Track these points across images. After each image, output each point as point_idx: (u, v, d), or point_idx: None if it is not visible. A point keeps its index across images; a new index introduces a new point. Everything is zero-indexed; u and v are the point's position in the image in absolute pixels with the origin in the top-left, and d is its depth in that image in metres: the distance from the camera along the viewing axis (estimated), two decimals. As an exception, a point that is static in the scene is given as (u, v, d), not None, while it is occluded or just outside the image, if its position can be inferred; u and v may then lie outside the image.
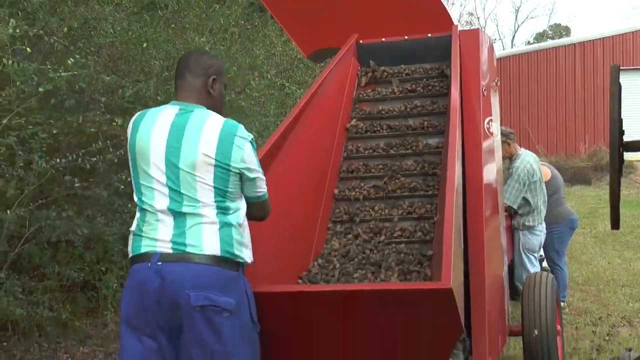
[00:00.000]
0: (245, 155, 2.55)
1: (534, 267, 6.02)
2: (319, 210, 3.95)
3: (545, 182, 6.38)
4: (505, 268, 4.50)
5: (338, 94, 4.49)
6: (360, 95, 4.63)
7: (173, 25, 7.27)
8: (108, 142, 4.88)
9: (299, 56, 9.25)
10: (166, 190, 2.53)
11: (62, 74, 4.43)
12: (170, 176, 2.53)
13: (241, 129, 2.57)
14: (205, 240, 2.49)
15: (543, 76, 19.34)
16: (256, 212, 2.72)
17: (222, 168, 2.52)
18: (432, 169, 4.06)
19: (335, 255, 3.67)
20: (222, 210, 2.53)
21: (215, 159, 2.51)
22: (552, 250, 6.53)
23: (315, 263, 3.62)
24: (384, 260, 3.53)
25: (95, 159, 4.72)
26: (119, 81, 5.28)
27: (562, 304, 6.23)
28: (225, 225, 2.52)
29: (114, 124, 5.00)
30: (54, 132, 4.64)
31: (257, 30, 9.24)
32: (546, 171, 6.57)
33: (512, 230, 6.12)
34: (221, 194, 2.54)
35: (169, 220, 2.52)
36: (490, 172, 4.17)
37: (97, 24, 5.77)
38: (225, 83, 2.79)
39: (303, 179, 3.83)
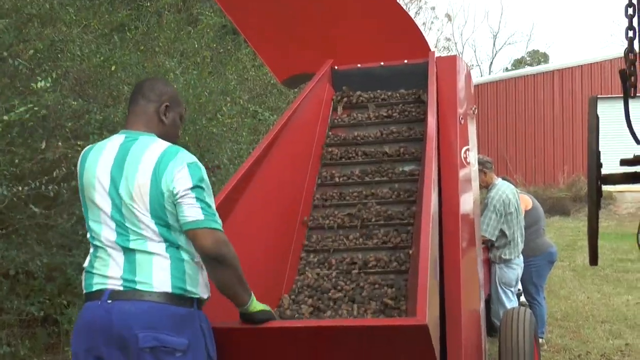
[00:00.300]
0: (177, 177, 2.45)
1: (510, 302, 6.03)
2: (292, 239, 3.97)
3: (526, 212, 6.44)
4: (482, 303, 4.54)
5: (312, 121, 4.54)
6: (335, 121, 4.69)
7: (142, 48, 7.30)
8: (73, 168, 4.87)
9: (272, 81, 9.32)
10: (113, 224, 2.53)
11: (21, 109, 4.39)
12: (115, 209, 2.53)
13: (182, 153, 2.51)
14: (156, 276, 2.47)
15: (521, 103, 19.60)
16: (201, 248, 2.45)
17: (155, 195, 2.48)
18: (407, 196, 4.13)
19: (307, 289, 3.69)
20: (172, 244, 2.51)
21: (150, 187, 2.48)
22: (530, 284, 6.55)
23: (287, 297, 3.63)
24: (357, 294, 3.55)
25: (58, 186, 4.69)
26: (86, 106, 5.28)
27: (540, 340, 6.24)
28: (176, 260, 2.50)
29: (79, 149, 4.99)
30: (16, 160, 4.61)
31: (229, 54, 9.32)
32: (526, 201, 6.62)
33: (489, 264, 6.15)
34: (164, 225, 2.49)
35: (119, 256, 2.52)
36: (467, 202, 4.23)
37: (64, 46, 5.78)
38: (181, 114, 2.76)
39: (276, 207, 3.85)
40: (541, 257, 6.57)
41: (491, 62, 38.70)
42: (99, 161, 2.58)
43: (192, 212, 2.46)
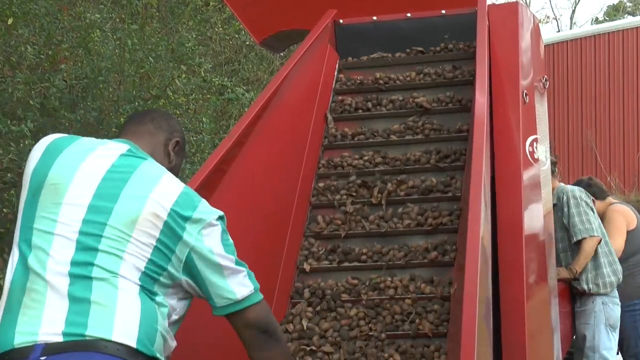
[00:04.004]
0: (205, 235, 2.73)
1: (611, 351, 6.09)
2: (288, 224, 4.23)
3: (629, 232, 6.46)
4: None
5: (306, 99, 4.63)
6: (336, 105, 4.82)
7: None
8: None
9: (249, 42, 9.35)
10: (72, 245, 2.60)
11: None
12: (88, 227, 2.61)
13: (204, 204, 2.77)
14: (119, 322, 2.53)
15: (618, 70, 19.39)
16: (247, 321, 2.79)
17: (173, 229, 2.67)
18: (452, 161, 4.38)
19: (306, 311, 3.95)
20: (146, 290, 2.63)
21: (169, 214, 2.67)
22: (633, 338, 6.59)
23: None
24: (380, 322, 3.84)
25: None
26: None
27: None
28: (149, 309, 2.61)
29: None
30: None
31: (185, 2, 9.34)
32: (630, 216, 6.61)
33: (571, 302, 6.20)
34: (153, 272, 2.65)
35: (63, 289, 2.55)
36: (535, 216, 4.29)
37: None
38: (185, 156, 3.11)
39: (266, 190, 4.11)
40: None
41: (573, 11, 38.65)
42: (80, 165, 2.69)
43: (238, 286, 2.77)
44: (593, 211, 6.05)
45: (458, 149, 4.41)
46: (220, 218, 2.76)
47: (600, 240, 6.00)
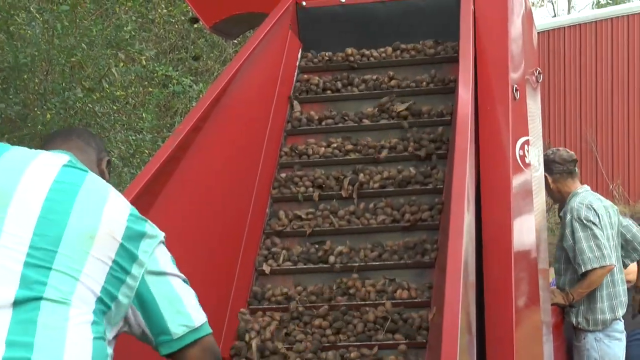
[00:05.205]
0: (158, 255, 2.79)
1: None
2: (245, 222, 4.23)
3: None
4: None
5: (264, 84, 4.65)
6: (301, 85, 4.84)
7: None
8: None
9: (197, 26, 9.33)
10: (19, 266, 2.59)
11: None
12: (37, 245, 2.61)
13: (150, 222, 2.82)
14: (69, 354, 2.54)
15: (623, 62, 19.47)
16: None
17: (128, 248, 2.71)
18: (434, 148, 4.38)
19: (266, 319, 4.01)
20: (99, 323, 2.63)
21: (123, 234, 2.71)
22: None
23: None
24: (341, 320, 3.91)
25: None
26: None
27: None
28: (100, 345, 2.62)
29: None
30: None
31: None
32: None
33: (564, 333, 6.20)
34: (104, 300, 2.65)
35: (3, 315, 2.54)
36: (526, 229, 4.29)
37: None
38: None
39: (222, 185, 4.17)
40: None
41: (572, -7, 39.01)
42: (22, 176, 2.71)
43: (195, 312, 2.80)
44: (602, 229, 6.00)
45: (440, 135, 4.42)
46: (164, 239, 2.83)
47: (612, 269, 5.97)
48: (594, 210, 6.03)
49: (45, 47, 6.99)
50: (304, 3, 4.92)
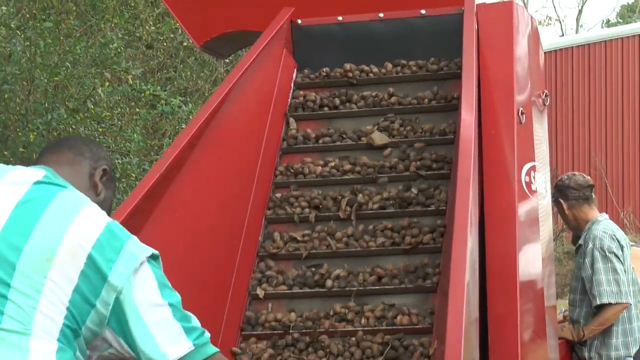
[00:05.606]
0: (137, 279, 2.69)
1: None
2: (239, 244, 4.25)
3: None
4: None
5: (258, 111, 4.66)
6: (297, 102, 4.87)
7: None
8: None
9: (187, 44, 9.35)
10: None
11: None
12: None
13: (134, 241, 2.73)
14: None
15: (634, 83, 19.52)
16: None
17: (96, 271, 2.63)
18: (437, 168, 4.42)
19: (259, 346, 4.01)
20: (65, 350, 2.60)
21: (90, 254, 2.64)
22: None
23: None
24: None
25: None
26: None
27: None
28: None
29: None
30: None
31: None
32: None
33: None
34: (71, 325, 2.61)
35: None
36: (532, 259, 4.29)
37: None
38: (113, 196, 3.11)
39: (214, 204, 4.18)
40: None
41: (579, 12, 39.10)
42: None
43: (172, 339, 2.69)
44: (623, 262, 5.98)
45: (442, 154, 4.41)
46: (153, 257, 2.73)
47: (629, 306, 5.95)
48: (617, 241, 6.02)
49: (27, 65, 6.97)
50: (299, 21, 4.93)
